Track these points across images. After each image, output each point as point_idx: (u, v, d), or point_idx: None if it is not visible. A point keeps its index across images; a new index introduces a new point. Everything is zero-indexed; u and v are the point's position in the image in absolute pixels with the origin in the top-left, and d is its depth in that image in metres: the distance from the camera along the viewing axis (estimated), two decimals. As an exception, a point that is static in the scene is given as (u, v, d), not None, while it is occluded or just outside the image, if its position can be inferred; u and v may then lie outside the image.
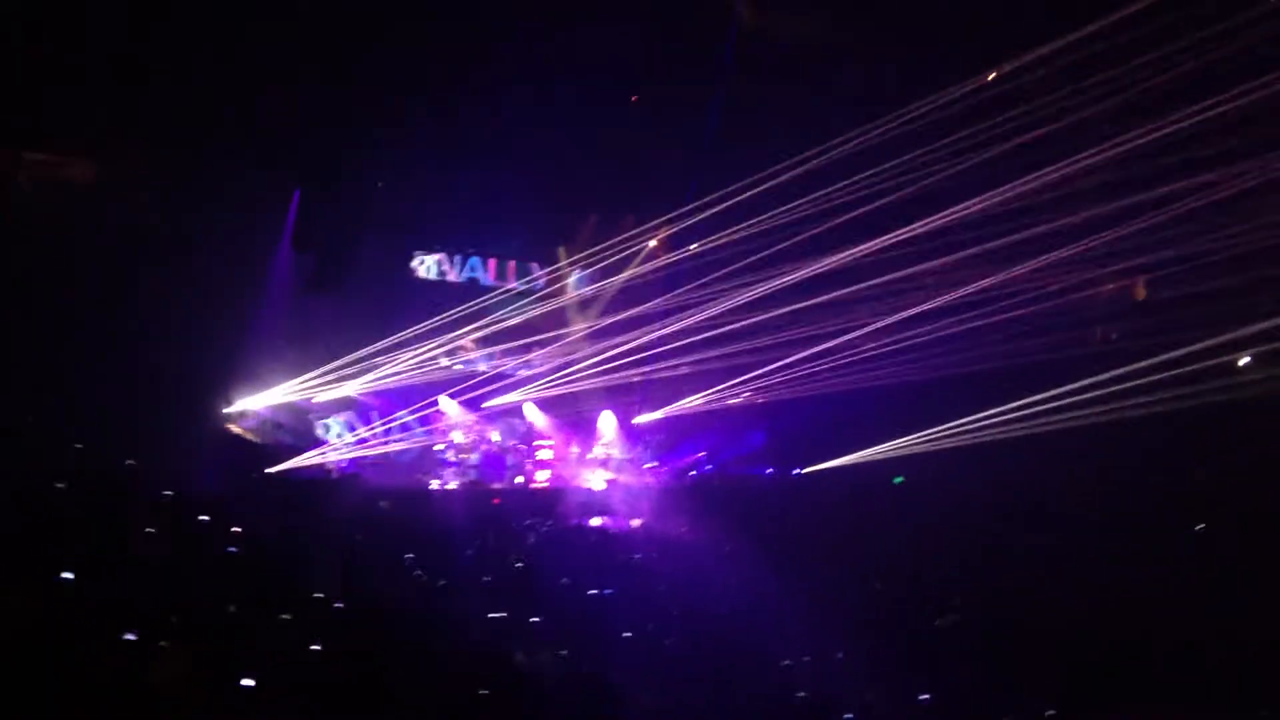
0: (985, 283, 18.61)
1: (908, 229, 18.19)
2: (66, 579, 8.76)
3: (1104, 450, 18.02)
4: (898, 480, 20.04)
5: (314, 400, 20.52)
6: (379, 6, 17.47)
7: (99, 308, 17.66)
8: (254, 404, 20.07)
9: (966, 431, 18.67)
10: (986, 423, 18.51)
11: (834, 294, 19.35)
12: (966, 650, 12.38)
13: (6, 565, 8.78)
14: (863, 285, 19.22)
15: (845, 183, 17.68)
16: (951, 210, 17.63)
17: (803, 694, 10.42)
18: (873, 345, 19.56)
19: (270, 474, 18.34)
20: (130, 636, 7.87)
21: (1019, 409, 18.12)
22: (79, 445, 14.02)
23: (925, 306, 19.06)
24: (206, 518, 12.37)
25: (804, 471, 20.83)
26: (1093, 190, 17.21)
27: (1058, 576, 14.57)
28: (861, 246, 18.55)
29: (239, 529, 12.43)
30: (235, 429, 19.69)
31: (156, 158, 19.03)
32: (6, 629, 7.56)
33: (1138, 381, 17.04)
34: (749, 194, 18.35)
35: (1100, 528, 16.38)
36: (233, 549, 11.41)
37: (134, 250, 18.48)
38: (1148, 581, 13.78)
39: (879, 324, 19.32)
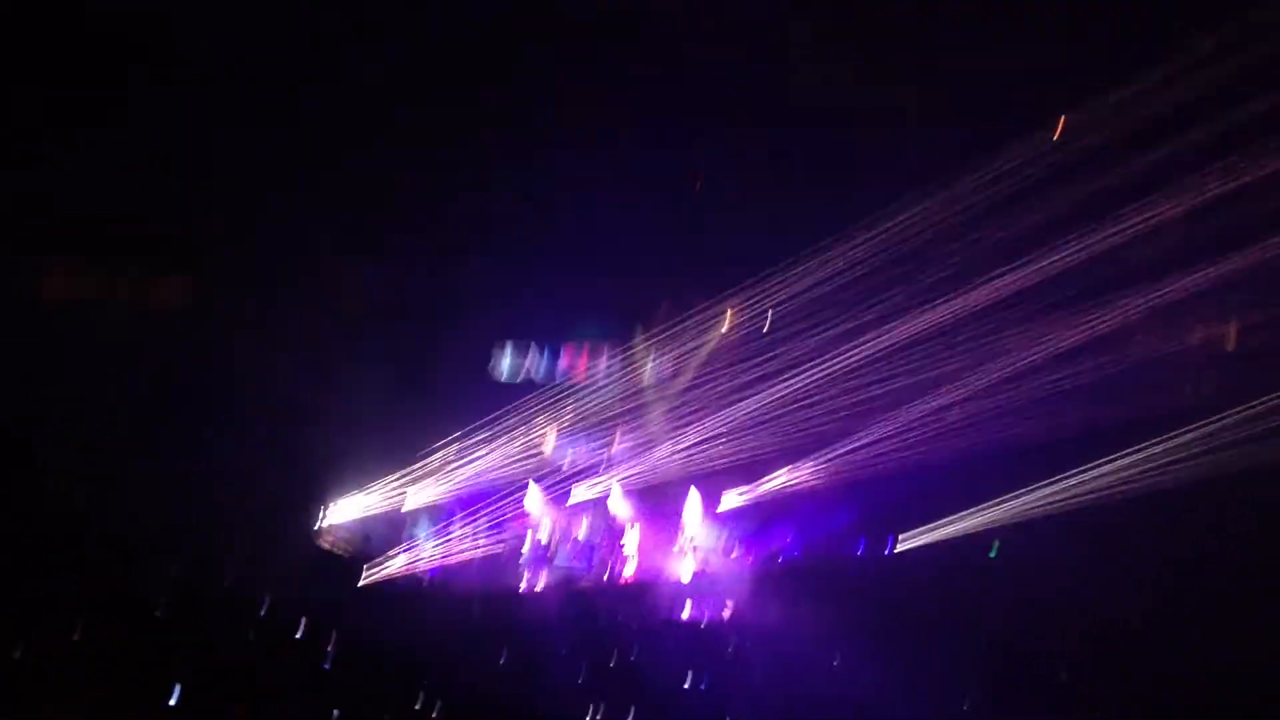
0: (1076, 339, 18.28)
1: (991, 289, 18.03)
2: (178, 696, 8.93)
3: (1217, 506, 17.45)
4: (994, 550, 19.55)
5: (402, 507, 20.72)
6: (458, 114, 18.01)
7: (196, 425, 18.15)
8: (343, 512, 20.32)
9: (1065, 496, 18.21)
10: (1084, 484, 18.05)
11: (917, 362, 19.16)
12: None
13: (113, 682, 8.96)
14: (944, 350, 19.03)
15: (922, 248, 17.62)
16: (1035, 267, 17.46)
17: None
18: (959, 413, 19.27)
19: (363, 585, 18.47)
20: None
21: (1118, 468, 17.64)
22: (176, 564, 14.36)
23: (1012, 368, 18.76)
24: (303, 631, 12.52)
25: (895, 548, 20.40)
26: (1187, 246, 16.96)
27: (1175, 647, 14.09)
28: (941, 309, 18.39)
29: (335, 640, 12.54)
30: (328, 541, 19.94)
31: (246, 266, 19.65)
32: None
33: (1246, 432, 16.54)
34: (823, 267, 18.35)
35: (1218, 591, 15.79)
36: (328, 664, 11.52)
37: (228, 366, 19.02)
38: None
39: (963, 391, 19.04)
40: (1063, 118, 16.64)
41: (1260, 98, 14.63)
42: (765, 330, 20.78)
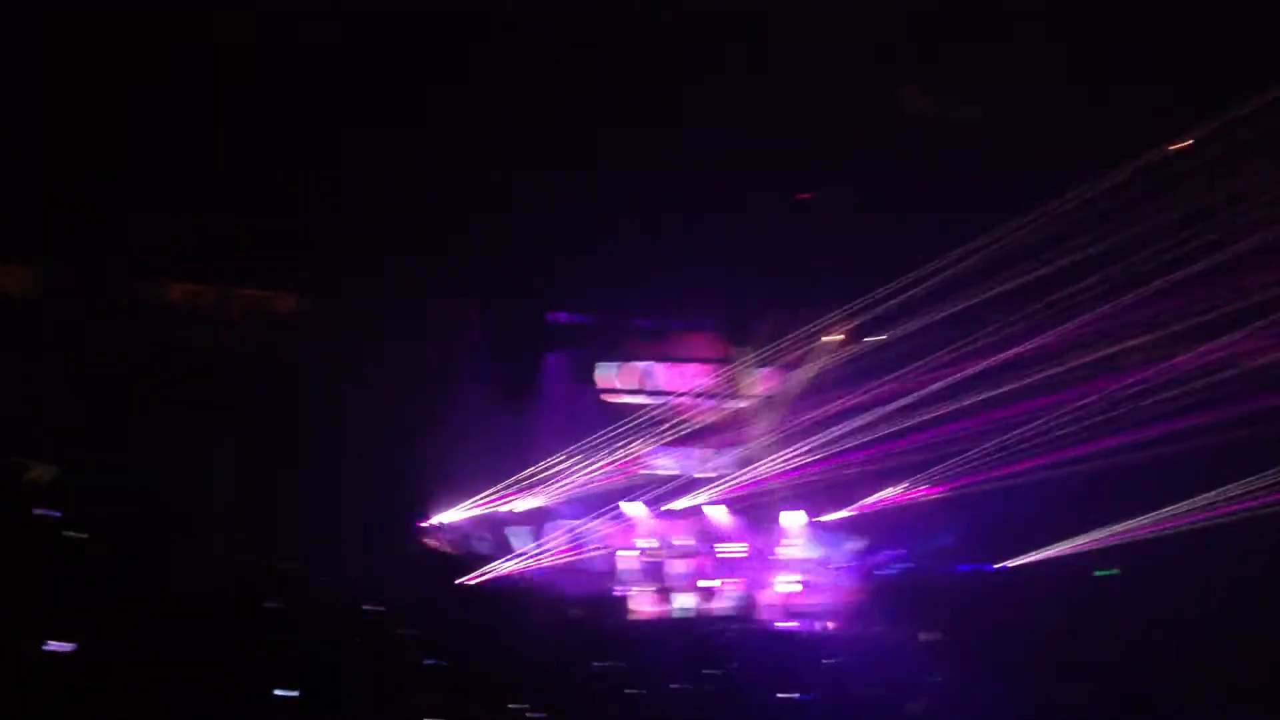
0: (1197, 353, 17.78)
1: (1106, 304, 17.64)
2: (285, 695, 9.18)
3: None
4: (1109, 573, 19.00)
5: (507, 510, 21.05)
6: (562, 134, 18.29)
7: (305, 430, 18.73)
8: (450, 517, 20.73)
9: (1180, 517, 17.65)
10: (1200, 507, 17.47)
11: (1026, 378, 18.84)
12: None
13: (223, 679, 9.24)
14: (1058, 366, 18.67)
15: (1034, 261, 17.33)
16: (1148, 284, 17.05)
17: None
18: (1073, 428, 18.84)
19: (467, 584, 18.79)
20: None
21: (1247, 488, 17.04)
22: (287, 564, 14.79)
23: (1125, 383, 18.31)
24: (409, 630, 12.77)
25: (1004, 566, 19.98)
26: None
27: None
28: (1055, 325, 18.06)
29: (438, 639, 12.75)
30: (433, 542, 20.35)
31: (355, 286, 20.24)
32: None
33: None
34: (933, 280, 18.17)
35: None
36: (431, 660, 11.72)
37: (336, 373, 19.62)
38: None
39: (1077, 405, 18.63)
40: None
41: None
42: (871, 346, 20.65)
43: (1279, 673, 14.06)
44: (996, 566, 20.15)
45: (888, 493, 20.97)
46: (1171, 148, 16.25)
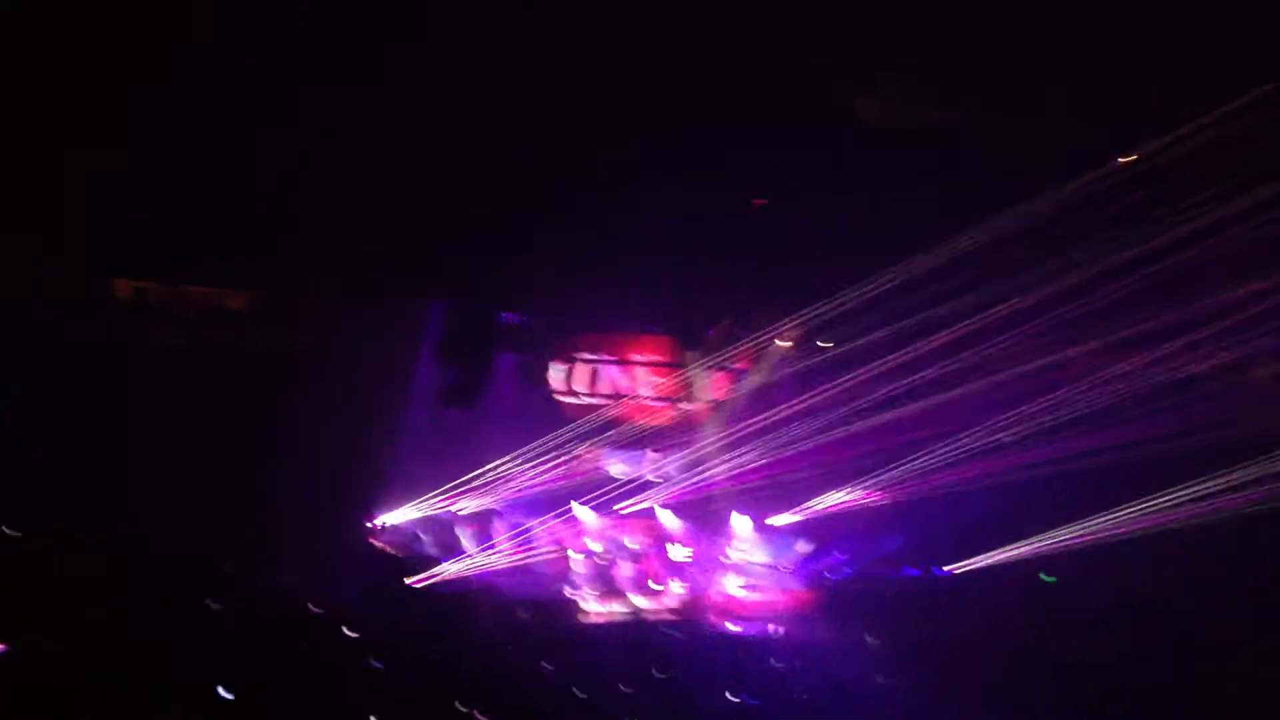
0: (1135, 365, 18.13)
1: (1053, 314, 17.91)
2: (225, 697, 9.03)
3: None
4: (1049, 579, 19.27)
5: (454, 512, 20.92)
6: (513, 131, 18.21)
7: (251, 427, 18.51)
8: (395, 518, 20.56)
9: (1119, 522, 17.96)
10: (1140, 513, 17.78)
11: (973, 384, 19.09)
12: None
13: (165, 681, 9.09)
14: (1006, 372, 18.93)
15: (986, 266, 17.54)
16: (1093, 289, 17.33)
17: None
18: (1012, 434, 19.11)
19: (412, 586, 18.64)
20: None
21: (1178, 495, 17.38)
22: (228, 564, 14.58)
23: (1068, 391, 18.62)
24: (354, 630, 12.63)
25: (948, 571, 20.19)
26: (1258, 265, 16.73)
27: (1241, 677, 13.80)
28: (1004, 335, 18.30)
29: (384, 640, 12.63)
30: (377, 543, 20.17)
31: (306, 284, 20.06)
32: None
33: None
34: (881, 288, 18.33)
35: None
36: (377, 663, 11.61)
37: (284, 370, 19.41)
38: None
39: (1023, 411, 18.91)
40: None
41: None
42: (822, 352, 20.80)
43: (1226, 673, 14.33)
44: (943, 571, 20.36)
45: (836, 497, 21.11)
46: (1122, 160, 16.51)
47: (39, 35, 16.42)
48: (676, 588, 20.82)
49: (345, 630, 12.92)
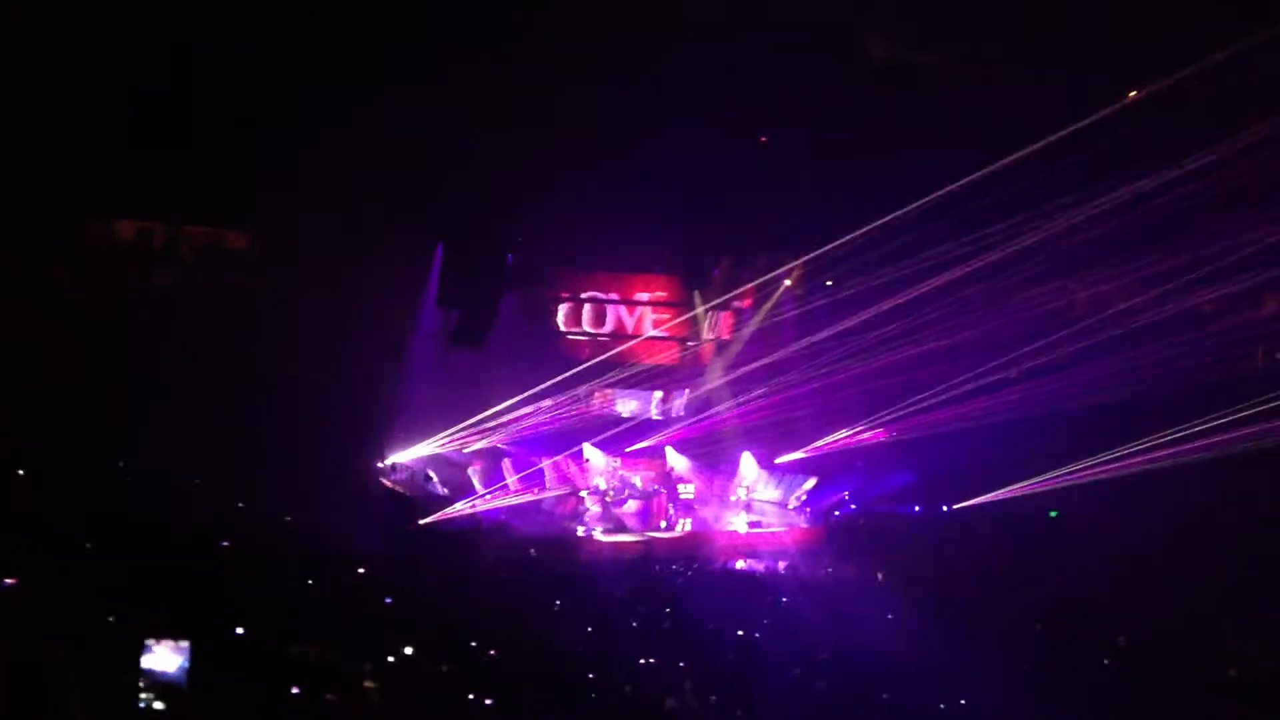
0: (1136, 303, 18.13)
1: (1052, 255, 17.87)
2: (238, 634, 9.12)
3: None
4: (1052, 514, 19.40)
5: (465, 451, 21.05)
6: (514, 78, 18.01)
7: (255, 370, 18.53)
8: (405, 458, 20.67)
9: (1122, 460, 18.02)
10: (1144, 451, 17.84)
11: (979, 323, 19.09)
12: (1134, 690, 11.86)
13: (182, 620, 9.17)
14: (1009, 315, 18.93)
15: (991, 207, 17.46)
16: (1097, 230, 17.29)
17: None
18: (1022, 375, 19.16)
19: (423, 526, 18.78)
20: (295, 690, 8.11)
21: (1179, 435, 17.43)
22: (241, 504, 14.68)
23: (1075, 331, 18.64)
24: (363, 570, 12.73)
25: (954, 508, 20.30)
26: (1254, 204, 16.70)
27: (1227, 609, 13.92)
28: (1006, 274, 18.26)
29: (398, 579, 12.72)
30: (388, 483, 20.30)
31: (306, 224, 19.96)
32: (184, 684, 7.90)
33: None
34: (890, 229, 18.24)
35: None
36: (389, 599, 11.70)
37: (287, 313, 19.38)
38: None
39: (1026, 353, 18.94)
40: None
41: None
42: (829, 292, 20.77)
43: (1207, 605, 14.48)
44: (947, 508, 20.48)
45: (842, 434, 21.19)
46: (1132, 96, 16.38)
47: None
48: (685, 525, 20.99)
49: (359, 570, 13.02)
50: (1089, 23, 17.07)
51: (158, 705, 7.63)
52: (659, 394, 22.78)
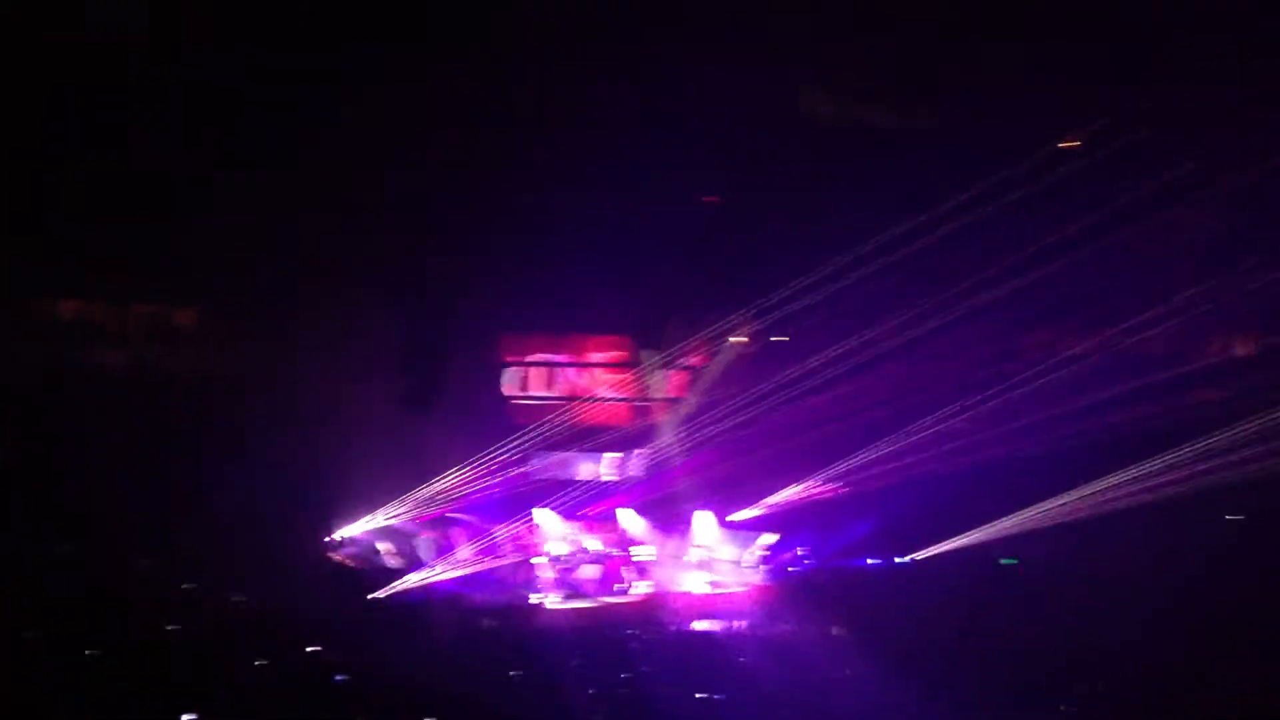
0: (1084, 349, 18.42)
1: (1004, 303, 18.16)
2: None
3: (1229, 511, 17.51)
4: (1008, 561, 19.50)
5: (415, 521, 20.77)
6: (463, 135, 18.12)
7: (206, 444, 18.28)
8: (354, 531, 20.37)
9: (1078, 504, 18.21)
10: (1097, 494, 18.05)
11: (926, 372, 19.30)
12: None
13: (128, 706, 8.96)
14: (958, 363, 19.16)
15: (935, 257, 17.73)
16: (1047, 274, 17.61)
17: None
18: (971, 423, 19.35)
19: (374, 599, 18.50)
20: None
21: (1131, 477, 17.68)
22: (188, 585, 14.38)
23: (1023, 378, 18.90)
24: (316, 647, 12.51)
25: (907, 559, 20.35)
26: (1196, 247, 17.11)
27: (1193, 652, 14.02)
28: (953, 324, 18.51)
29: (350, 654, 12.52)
30: (337, 558, 19.99)
31: (255, 294, 19.85)
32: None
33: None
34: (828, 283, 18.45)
35: (1236, 598, 15.76)
36: (341, 677, 11.51)
37: (233, 388, 19.19)
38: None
39: (976, 400, 19.16)
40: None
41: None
42: (775, 346, 20.91)
43: (1175, 651, 14.55)
44: (901, 560, 20.51)
45: (795, 490, 21.21)
46: (1062, 145, 16.77)
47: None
48: (641, 588, 20.82)
49: (310, 646, 12.79)
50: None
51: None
52: (611, 456, 22.68)
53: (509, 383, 23.05)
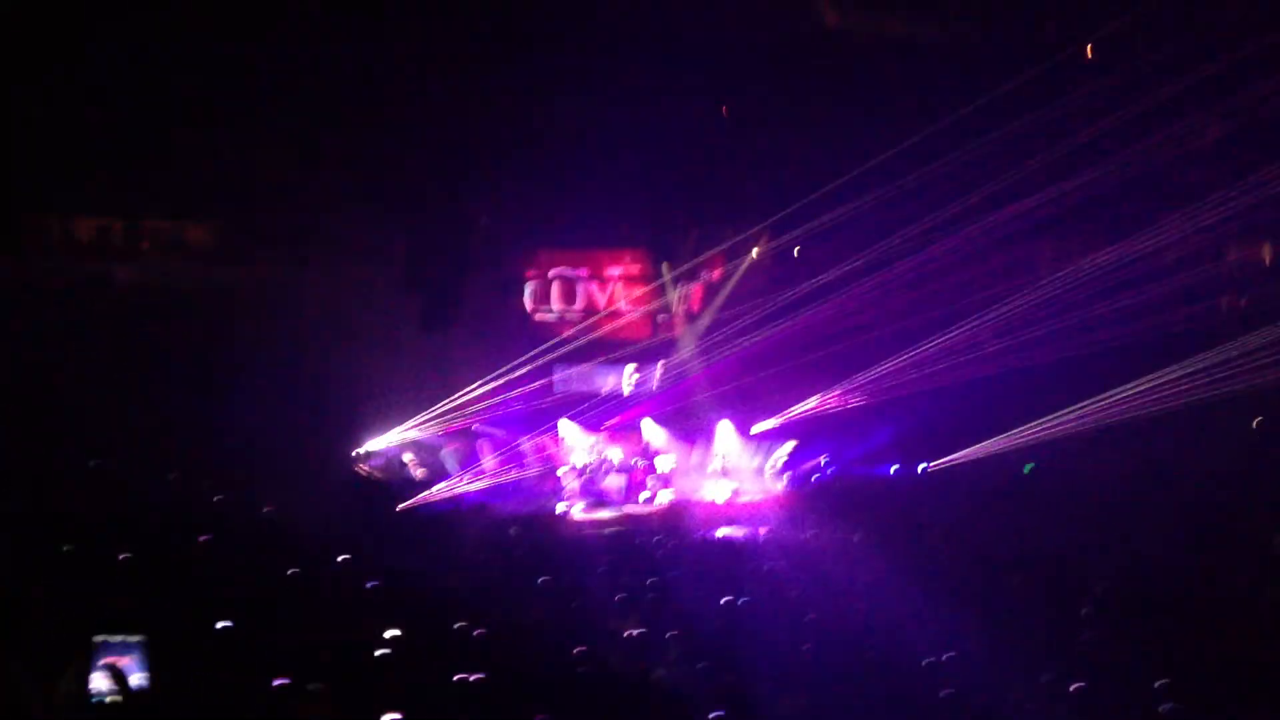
0: (1103, 257, 18.28)
1: (1016, 206, 18.01)
2: (225, 627, 9.10)
3: (1243, 421, 17.44)
4: (1028, 468, 19.58)
5: (439, 434, 21.00)
6: (476, 48, 17.91)
7: (224, 363, 18.45)
8: (380, 444, 20.61)
9: (1097, 412, 18.20)
10: (1116, 401, 18.02)
11: (945, 282, 19.22)
12: (1113, 637, 12.00)
13: (159, 617, 9.14)
14: (973, 270, 19.06)
15: (953, 165, 17.57)
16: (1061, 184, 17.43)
17: (946, 692, 10.19)
18: (990, 331, 19.32)
19: (401, 510, 18.76)
20: (280, 681, 8.08)
21: (1150, 385, 17.63)
22: (218, 497, 14.62)
23: (1041, 286, 18.80)
24: (346, 556, 12.73)
25: (929, 467, 20.46)
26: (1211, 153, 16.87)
27: (1204, 559, 14.10)
28: (970, 227, 18.40)
29: (379, 565, 12.73)
30: (364, 470, 20.25)
31: (267, 214, 19.85)
32: (165, 678, 7.89)
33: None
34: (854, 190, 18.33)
35: (1246, 505, 15.80)
36: (372, 583, 11.71)
37: (252, 304, 19.30)
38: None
39: (993, 310, 19.09)
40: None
41: None
42: (796, 257, 20.84)
43: (1194, 560, 14.65)
44: (922, 468, 20.63)
45: (816, 400, 21.29)
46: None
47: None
48: (665, 497, 21.05)
49: (340, 557, 13.00)
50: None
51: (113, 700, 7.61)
52: (632, 368, 22.78)
53: (529, 296, 23.10)
